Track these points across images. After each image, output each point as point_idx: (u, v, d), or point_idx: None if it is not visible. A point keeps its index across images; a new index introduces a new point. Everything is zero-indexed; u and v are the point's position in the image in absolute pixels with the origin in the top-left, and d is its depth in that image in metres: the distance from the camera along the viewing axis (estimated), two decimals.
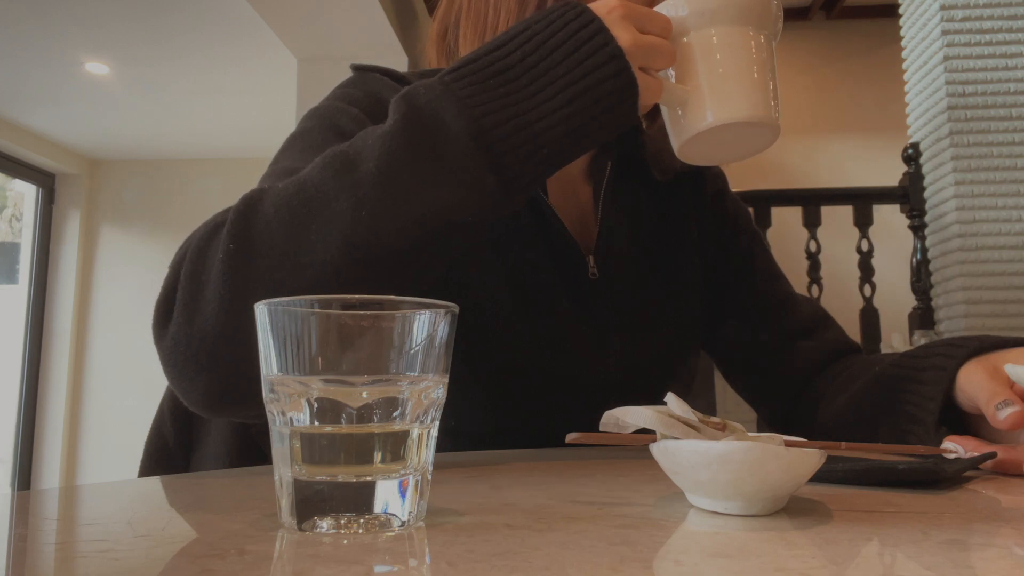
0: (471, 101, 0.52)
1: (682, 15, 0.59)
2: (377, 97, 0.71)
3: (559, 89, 0.53)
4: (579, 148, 0.55)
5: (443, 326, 0.34)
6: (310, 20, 2.94)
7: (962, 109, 2.68)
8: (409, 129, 0.52)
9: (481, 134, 0.51)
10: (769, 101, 0.59)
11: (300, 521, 0.32)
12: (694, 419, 0.39)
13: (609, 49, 0.53)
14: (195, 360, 0.51)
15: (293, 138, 0.70)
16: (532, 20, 0.55)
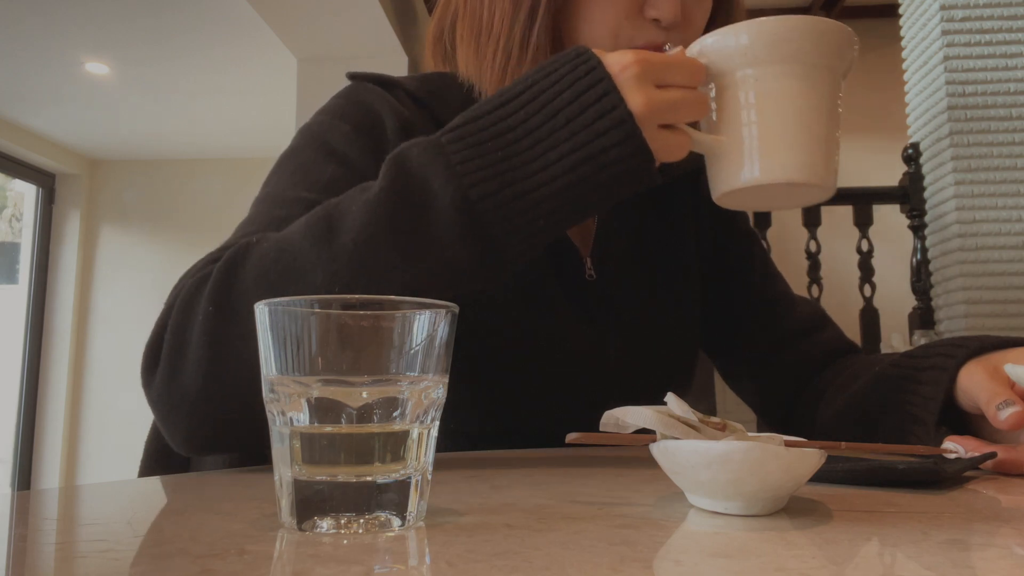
0: (462, 168, 0.50)
1: (726, 51, 0.51)
2: (369, 109, 0.71)
3: (561, 155, 0.50)
4: (580, 217, 0.52)
5: (443, 326, 0.34)
6: (310, 20, 2.94)
7: (962, 109, 2.68)
8: (394, 198, 0.50)
9: (469, 206, 0.49)
10: (824, 159, 0.50)
11: (300, 521, 0.32)
12: (694, 419, 0.39)
13: (617, 113, 0.49)
14: (176, 412, 0.53)
15: (285, 156, 0.70)
16: (541, 74, 0.52)
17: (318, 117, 0.72)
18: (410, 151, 0.52)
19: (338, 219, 0.52)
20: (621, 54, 0.51)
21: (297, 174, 0.67)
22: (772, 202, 0.56)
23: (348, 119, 0.70)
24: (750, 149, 0.51)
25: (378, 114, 0.70)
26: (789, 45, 0.50)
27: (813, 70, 0.50)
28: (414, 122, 0.71)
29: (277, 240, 0.53)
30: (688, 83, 0.52)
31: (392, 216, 0.50)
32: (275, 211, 0.63)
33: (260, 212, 0.65)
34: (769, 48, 0.50)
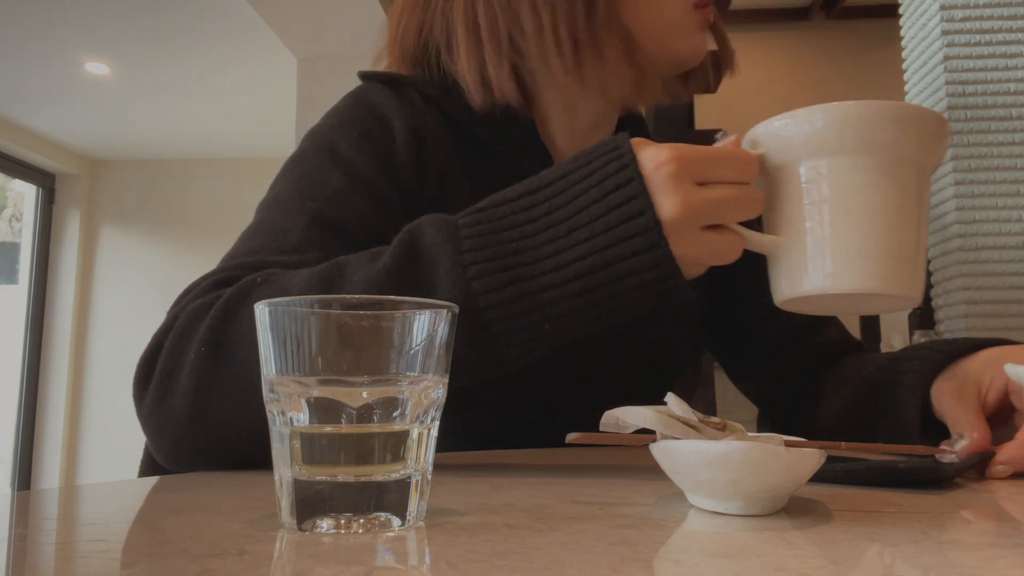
0: (470, 256, 0.47)
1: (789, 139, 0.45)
2: (378, 113, 0.70)
3: (576, 257, 0.46)
4: (593, 326, 0.49)
5: (443, 326, 0.34)
6: (310, 20, 2.94)
7: (962, 109, 2.68)
8: (396, 277, 0.48)
9: (470, 299, 0.46)
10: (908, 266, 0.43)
11: (300, 521, 0.32)
12: (694, 419, 0.39)
13: (643, 221, 0.45)
14: (163, 433, 0.53)
15: (293, 160, 0.70)
16: (576, 164, 0.48)
17: (327, 120, 0.72)
18: (424, 228, 0.50)
19: (339, 286, 0.50)
20: (657, 149, 0.47)
21: (303, 181, 0.66)
22: (844, 308, 0.49)
23: (356, 124, 0.70)
24: (817, 253, 0.44)
25: (387, 118, 0.70)
26: (867, 133, 0.43)
27: (897, 163, 0.43)
28: (424, 123, 0.71)
29: (279, 287, 0.52)
30: (738, 178, 0.47)
31: (394, 293, 0.47)
32: (279, 221, 0.63)
33: (264, 221, 0.64)
34: (843, 137, 0.43)
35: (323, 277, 0.51)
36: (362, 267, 0.51)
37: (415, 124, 0.70)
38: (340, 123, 0.70)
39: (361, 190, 0.66)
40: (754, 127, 0.48)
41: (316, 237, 0.62)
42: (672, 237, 0.46)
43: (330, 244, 0.61)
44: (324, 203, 0.64)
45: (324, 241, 0.62)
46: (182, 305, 0.56)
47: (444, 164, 0.71)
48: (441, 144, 0.71)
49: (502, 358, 0.48)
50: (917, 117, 0.44)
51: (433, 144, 0.71)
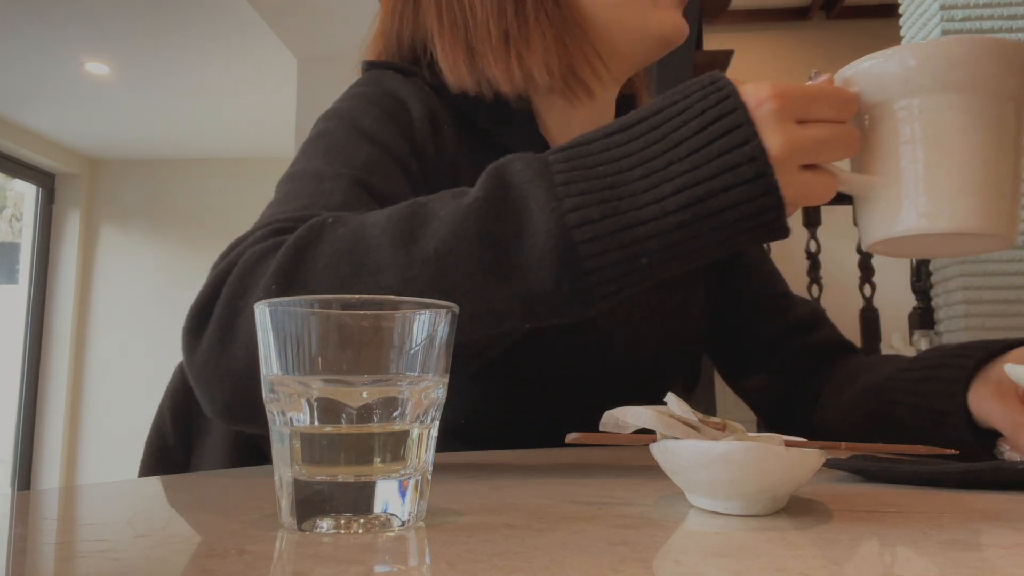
0: (564, 190, 0.45)
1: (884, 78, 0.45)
2: (396, 96, 0.70)
3: (676, 189, 0.44)
4: (690, 262, 0.47)
5: (443, 326, 0.34)
6: (310, 20, 2.94)
7: None
8: (488, 210, 0.46)
9: (564, 233, 0.44)
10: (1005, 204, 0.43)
11: (300, 521, 0.32)
12: (694, 419, 0.39)
13: (748, 149, 0.44)
14: (220, 384, 0.50)
15: (314, 140, 0.68)
16: (668, 100, 0.47)
17: (345, 102, 0.70)
18: (514, 164, 0.48)
19: (423, 221, 0.48)
20: (757, 87, 0.46)
21: (331, 153, 0.64)
22: (936, 250, 0.49)
23: (376, 103, 0.69)
24: (913, 192, 0.44)
25: (403, 101, 0.70)
26: (965, 70, 0.42)
27: (994, 100, 0.42)
28: (436, 109, 0.71)
29: (354, 228, 0.49)
30: (836, 117, 0.46)
31: (482, 228, 0.46)
32: (317, 185, 0.61)
33: (298, 188, 0.61)
34: (940, 74, 0.42)
35: (405, 214, 0.49)
36: (447, 203, 0.49)
37: (429, 109, 0.71)
38: (360, 103, 0.70)
39: (390, 163, 0.65)
40: (846, 66, 0.47)
41: (359, 199, 0.60)
42: (777, 169, 0.45)
43: (365, 204, 0.59)
44: (360, 170, 0.62)
45: (366, 204, 0.59)
46: (236, 253, 0.53)
47: (455, 150, 0.71)
48: (451, 131, 0.72)
49: (590, 296, 0.46)
50: (1015, 52, 0.43)
51: (446, 130, 0.71)
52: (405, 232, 0.48)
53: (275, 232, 0.53)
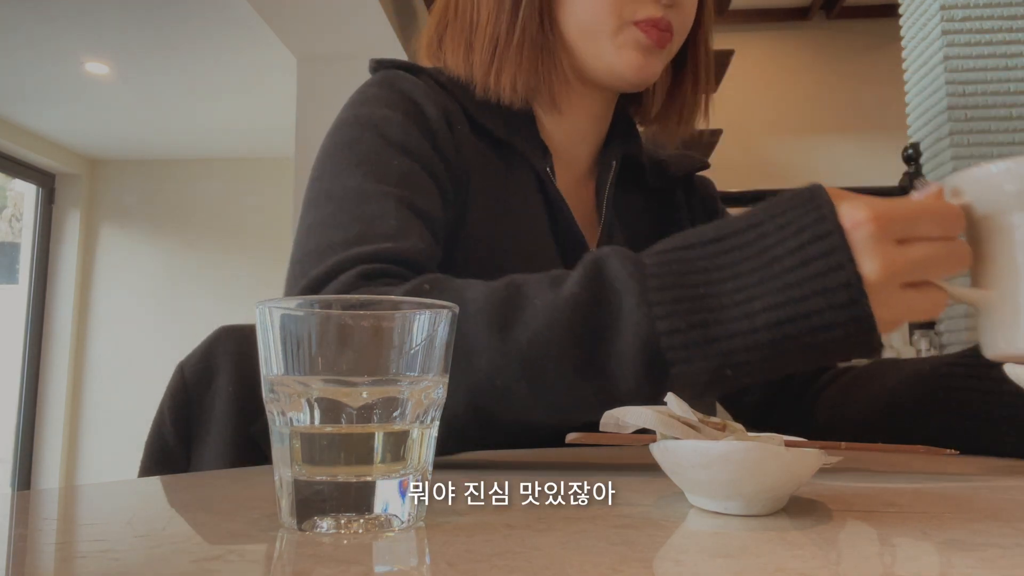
0: (656, 296, 0.46)
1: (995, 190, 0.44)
2: (411, 98, 0.72)
3: (766, 307, 0.45)
4: (776, 372, 0.47)
5: (443, 326, 0.34)
6: (309, 19, 2.94)
7: (962, 109, 2.68)
8: (582, 308, 0.48)
9: (653, 339, 0.46)
10: None
11: (300, 521, 0.32)
12: (694, 419, 0.39)
13: (842, 275, 0.44)
14: None
15: (341, 150, 0.68)
16: (767, 213, 0.47)
17: (364, 108, 0.71)
18: (611, 261, 0.49)
19: (519, 306, 0.49)
20: (854, 206, 0.45)
21: (364, 166, 0.66)
22: None
23: (395, 108, 0.70)
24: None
25: (418, 103, 0.72)
26: None
27: None
28: (448, 107, 0.73)
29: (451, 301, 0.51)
30: (942, 234, 0.45)
31: (575, 325, 0.47)
32: (365, 206, 0.63)
33: (348, 211, 0.63)
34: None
35: (501, 298, 0.50)
36: (543, 291, 0.50)
37: (441, 105, 0.72)
38: (380, 109, 0.71)
39: (422, 175, 0.68)
40: (954, 174, 0.47)
41: (410, 222, 0.63)
42: (871, 297, 0.45)
43: (420, 230, 0.63)
44: (401, 188, 0.65)
45: (416, 227, 0.63)
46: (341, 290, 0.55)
47: (468, 148, 0.73)
48: (463, 126, 0.74)
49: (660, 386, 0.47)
50: None
51: (458, 124, 0.73)
52: (500, 317, 0.49)
53: (363, 277, 0.56)
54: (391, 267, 0.58)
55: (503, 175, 0.75)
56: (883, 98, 4.34)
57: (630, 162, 0.84)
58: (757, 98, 4.47)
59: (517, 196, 0.75)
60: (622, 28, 0.73)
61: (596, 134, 0.83)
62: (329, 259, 0.59)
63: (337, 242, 0.61)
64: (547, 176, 0.75)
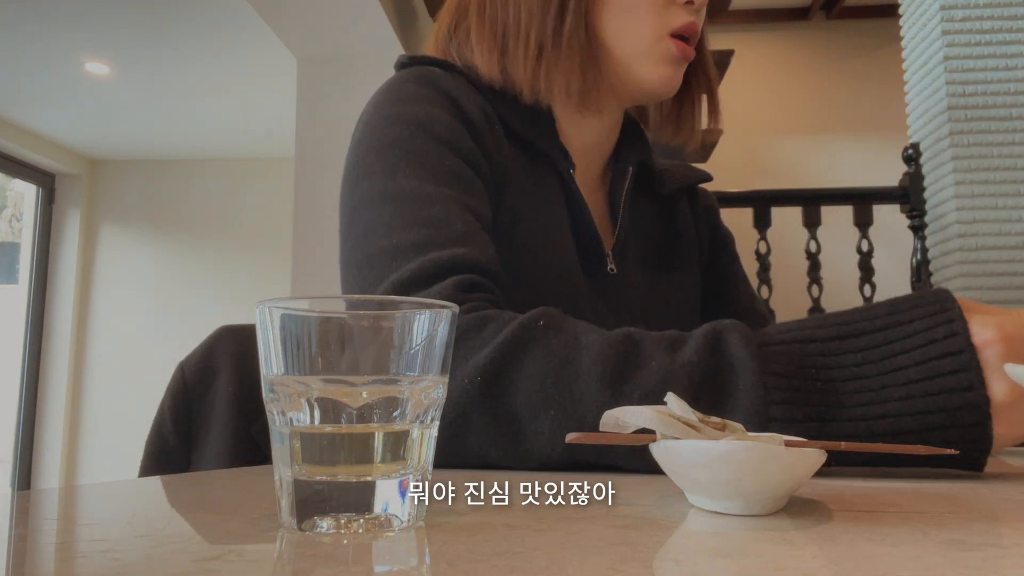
0: (775, 381, 0.46)
1: None
2: (451, 95, 0.71)
3: (886, 413, 0.44)
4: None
5: (443, 326, 0.34)
6: (310, 19, 2.94)
7: (962, 109, 2.68)
8: (697, 378, 0.48)
9: (764, 424, 0.46)
10: None
11: (300, 521, 0.32)
12: (694, 419, 0.39)
13: (971, 396, 0.43)
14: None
15: (388, 149, 0.66)
16: (894, 317, 0.47)
17: (407, 107, 0.69)
18: (732, 336, 0.49)
19: (635, 365, 0.49)
20: (985, 325, 0.45)
21: (415, 165, 0.65)
22: None
23: (438, 106, 0.70)
24: None
25: (458, 101, 0.71)
26: None
27: None
28: (484, 106, 0.73)
29: (568, 344, 0.51)
30: None
31: (687, 393, 0.47)
32: (428, 208, 0.62)
33: (410, 213, 0.62)
34: None
35: (619, 352, 0.50)
36: (660, 353, 0.50)
37: (479, 104, 0.73)
38: (424, 106, 0.69)
39: (473, 173, 0.68)
40: None
41: (473, 226, 0.63)
42: (996, 417, 0.44)
43: (483, 235, 0.64)
44: (458, 190, 0.65)
45: (480, 230, 0.64)
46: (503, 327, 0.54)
47: (505, 147, 0.74)
48: (498, 127, 0.74)
49: None
50: None
51: (496, 126, 0.74)
52: (615, 372, 0.49)
53: (460, 289, 0.57)
54: (478, 279, 0.59)
55: (531, 176, 0.75)
56: (883, 98, 4.34)
57: (642, 169, 0.85)
58: (757, 98, 4.47)
59: (542, 198, 0.75)
60: (659, 41, 0.74)
61: (611, 140, 0.84)
62: (406, 262, 0.59)
63: (407, 244, 0.60)
64: (571, 177, 0.76)
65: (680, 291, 0.84)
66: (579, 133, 0.80)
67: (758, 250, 3.03)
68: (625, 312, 0.76)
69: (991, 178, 2.63)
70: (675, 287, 0.84)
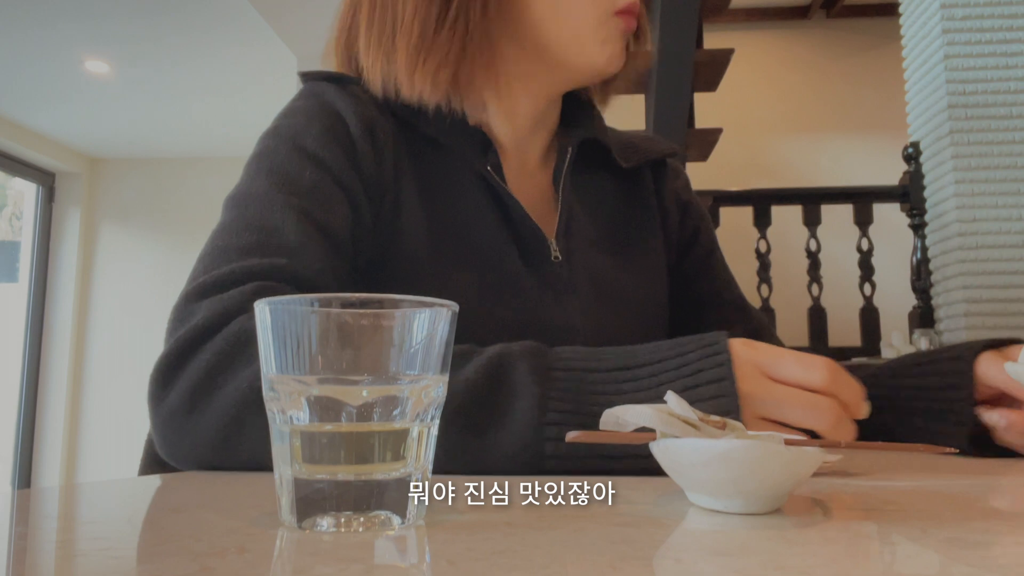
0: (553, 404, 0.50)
1: None
2: (333, 109, 0.71)
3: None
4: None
5: (443, 324, 0.34)
6: (309, 18, 2.94)
7: (962, 108, 2.68)
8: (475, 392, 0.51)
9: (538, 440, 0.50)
10: None
11: (300, 519, 0.32)
12: (694, 417, 0.39)
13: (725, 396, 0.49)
14: (178, 442, 0.54)
15: (257, 158, 0.70)
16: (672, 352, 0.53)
17: (285, 120, 0.72)
18: (520, 363, 0.52)
19: None
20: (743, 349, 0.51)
21: (274, 175, 0.67)
22: None
23: (315, 120, 0.70)
24: None
25: (340, 115, 0.71)
26: None
27: None
28: (372, 117, 0.72)
29: None
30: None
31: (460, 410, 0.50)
32: (265, 216, 0.64)
33: (245, 216, 0.64)
34: None
35: None
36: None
37: (365, 117, 0.71)
38: (299, 120, 0.71)
39: (333, 185, 0.67)
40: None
41: (310, 237, 0.63)
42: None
43: (323, 246, 0.64)
44: (307, 200, 0.65)
45: (317, 243, 0.63)
46: (217, 313, 0.56)
47: (394, 153, 0.72)
48: (389, 134, 0.72)
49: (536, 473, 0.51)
50: None
51: (382, 135, 0.72)
52: None
53: (258, 294, 0.56)
54: (285, 287, 0.59)
55: (443, 179, 0.74)
56: (883, 97, 4.34)
57: (591, 144, 0.82)
58: (757, 97, 4.47)
59: (462, 199, 0.73)
60: (604, 21, 0.72)
61: (550, 120, 0.81)
62: (223, 265, 0.60)
63: (232, 248, 0.62)
64: (488, 174, 0.73)
65: (641, 270, 0.82)
66: (511, 118, 0.78)
67: (758, 249, 3.03)
68: (572, 301, 0.74)
69: (991, 177, 2.63)
70: (635, 265, 0.81)
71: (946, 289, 2.73)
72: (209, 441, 0.53)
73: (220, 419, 0.52)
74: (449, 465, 0.50)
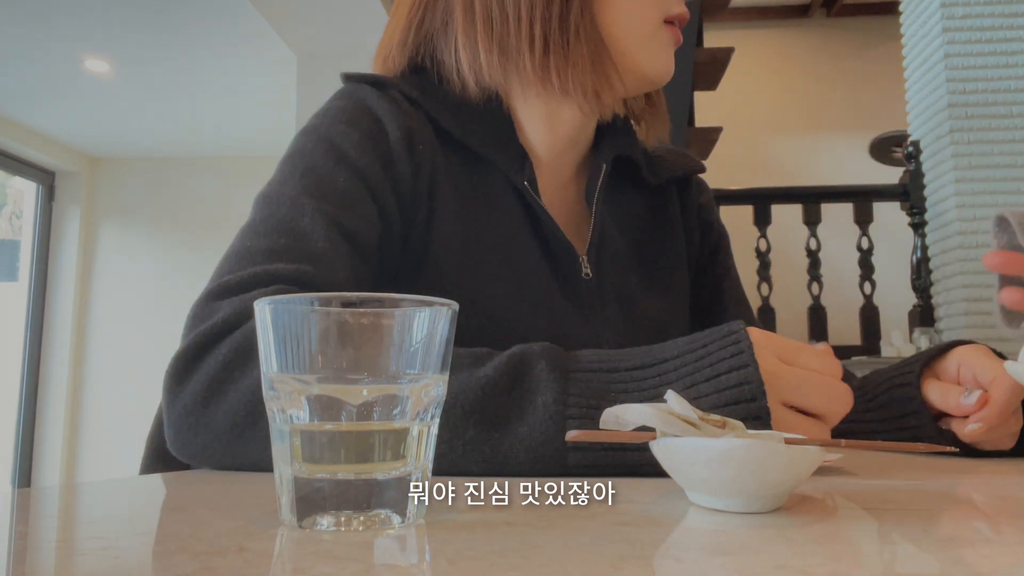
0: (574, 400, 0.50)
1: None
2: (373, 114, 0.71)
3: None
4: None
5: (443, 324, 0.34)
6: (310, 18, 2.94)
7: (962, 107, 2.68)
8: (495, 389, 0.51)
9: (560, 436, 0.49)
10: None
11: (300, 518, 0.32)
12: (694, 416, 0.39)
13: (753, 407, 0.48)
14: (191, 438, 0.54)
15: (293, 156, 0.69)
16: (691, 346, 0.52)
17: (325, 120, 0.71)
18: (540, 361, 0.52)
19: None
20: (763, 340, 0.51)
21: (308, 177, 0.66)
22: None
23: (355, 125, 0.70)
24: None
25: (380, 120, 0.70)
26: None
27: None
28: (411, 123, 0.71)
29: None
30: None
31: (478, 409, 0.50)
32: (296, 220, 0.63)
33: (277, 217, 0.64)
34: None
35: None
36: (460, 370, 0.52)
37: (404, 124, 0.71)
38: (340, 123, 0.70)
39: (366, 196, 0.67)
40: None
41: (337, 246, 0.63)
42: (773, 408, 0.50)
43: (350, 255, 0.64)
44: (338, 208, 0.65)
45: (344, 251, 0.63)
46: (237, 311, 0.55)
47: (432, 163, 0.71)
48: (428, 144, 0.72)
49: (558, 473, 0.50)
50: None
51: (421, 144, 0.71)
52: None
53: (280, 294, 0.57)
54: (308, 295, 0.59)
55: (478, 189, 0.73)
56: (883, 96, 4.34)
57: (623, 160, 0.82)
58: (757, 96, 4.47)
59: (496, 211, 0.73)
60: (660, 27, 0.73)
61: (588, 133, 0.81)
62: (248, 267, 0.60)
63: (259, 250, 0.61)
64: (524, 188, 0.73)
65: (667, 289, 0.82)
66: (550, 130, 0.77)
67: (758, 248, 3.03)
68: (600, 318, 0.74)
69: (991, 175, 2.63)
70: (661, 284, 0.82)
71: (946, 288, 2.73)
72: (222, 435, 0.52)
73: (235, 413, 0.52)
74: (466, 463, 0.49)
